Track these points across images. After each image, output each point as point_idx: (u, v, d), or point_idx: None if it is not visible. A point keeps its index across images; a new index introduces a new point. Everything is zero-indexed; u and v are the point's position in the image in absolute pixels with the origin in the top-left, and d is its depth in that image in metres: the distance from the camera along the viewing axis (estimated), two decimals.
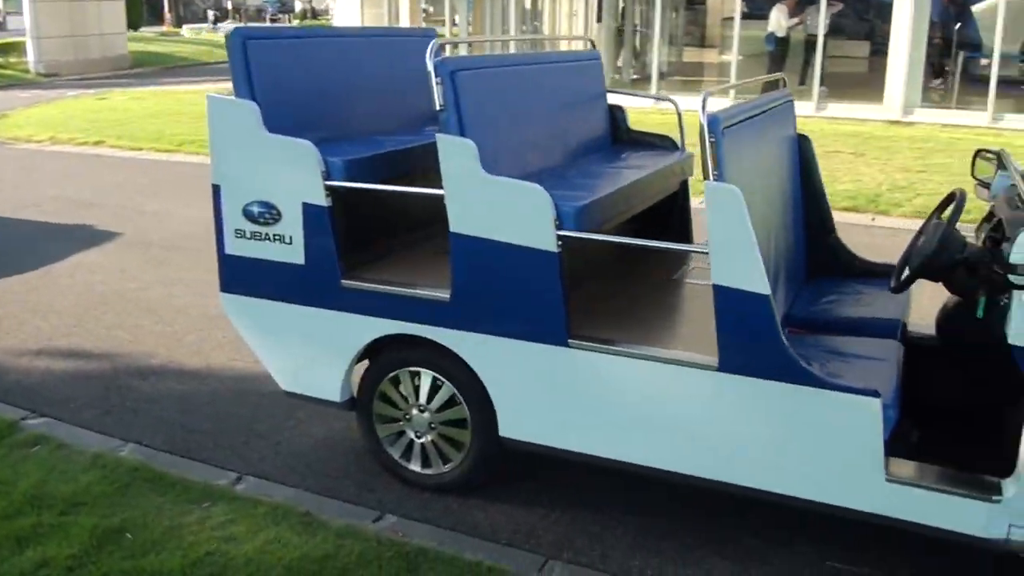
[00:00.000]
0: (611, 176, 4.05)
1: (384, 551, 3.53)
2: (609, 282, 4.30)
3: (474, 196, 3.50)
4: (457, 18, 20.98)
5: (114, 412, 4.71)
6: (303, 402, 4.59)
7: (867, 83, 17.41)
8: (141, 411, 4.71)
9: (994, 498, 3.08)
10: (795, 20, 17.21)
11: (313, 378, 4.05)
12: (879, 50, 19.26)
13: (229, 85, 3.92)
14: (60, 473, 4.05)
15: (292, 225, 3.83)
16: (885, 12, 19.11)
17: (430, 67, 3.48)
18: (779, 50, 17.56)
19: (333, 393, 4.02)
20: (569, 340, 3.49)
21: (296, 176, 3.76)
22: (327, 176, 3.73)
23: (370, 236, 4.19)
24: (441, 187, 3.62)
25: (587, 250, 3.94)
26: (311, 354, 4.01)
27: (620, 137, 5.02)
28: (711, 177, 3.20)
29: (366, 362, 4.06)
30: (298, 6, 52.53)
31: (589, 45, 5.11)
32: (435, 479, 3.97)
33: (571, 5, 23.26)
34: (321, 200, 3.75)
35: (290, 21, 49.33)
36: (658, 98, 5.49)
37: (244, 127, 3.80)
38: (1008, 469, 3.14)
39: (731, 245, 3.19)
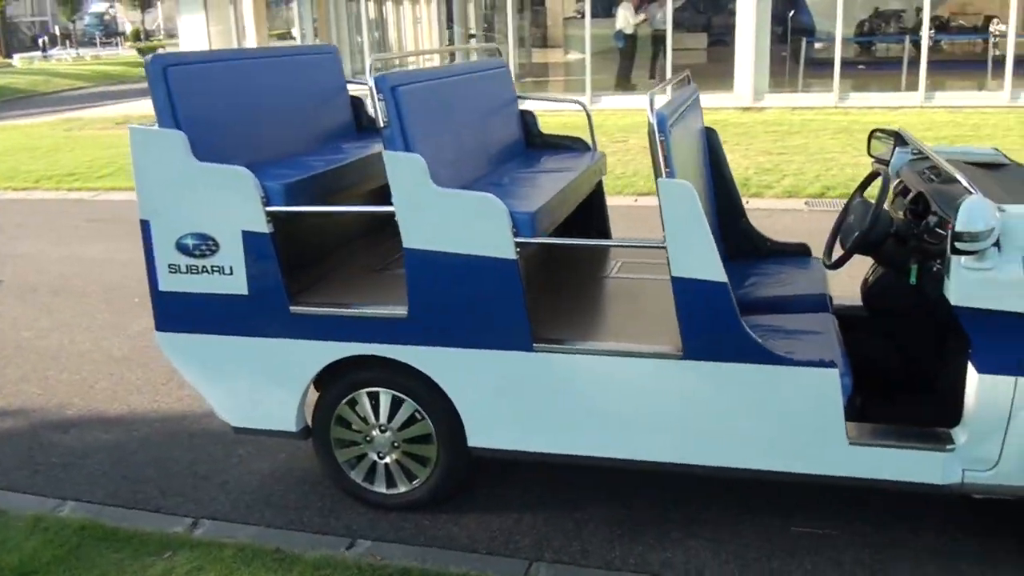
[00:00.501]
0: (547, 181, 4.11)
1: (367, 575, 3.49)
2: (554, 284, 4.37)
3: (426, 210, 3.50)
4: (295, 31, 20.68)
5: (43, 471, 4.47)
6: (242, 437, 4.52)
7: (713, 73, 18.11)
8: (72, 466, 4.49)
9: (947, 447, 3.31)
10: (642, 16, 17.75)
11: (265, 410, 3.96)
12: (719, 40, 20.10)
13: (79, 114, 3.78)
14: (1, 543, 3.82)
15: (232, 255, 3.73)
16: (722, 4, 19.96)
17: (371, 84, 3.46)
18: (629, 47, 18.08)
19: (288, 423, 3.94)
20: (534, 344, 3.53)
21: (234, 204, 3.67)
22: (267, 202, 3.65)
23: (313, 259, 4.12)
24: (383, 203, 3.61)
25: (529, 255, 3.99)
26: (262, 386, 3.91)
27: (533, 141, 5.10)
28: (663, 174, 3.30)
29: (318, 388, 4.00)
30: (128, 28, 50.65)
31: (496, 53, 5.16)
32: (402, 498, 3.94)
33: (415, 11, 23.33)
34: (263, 227, 3.67)
35: (122, 44, 47.55)
36: (566, 101, 5.58)
37: (172, 158, 3.67)
38: (954, 420, 3.37)
39: (688, 238, 3.31)
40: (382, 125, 3.50)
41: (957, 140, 12.18)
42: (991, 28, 18.57)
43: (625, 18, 17.85)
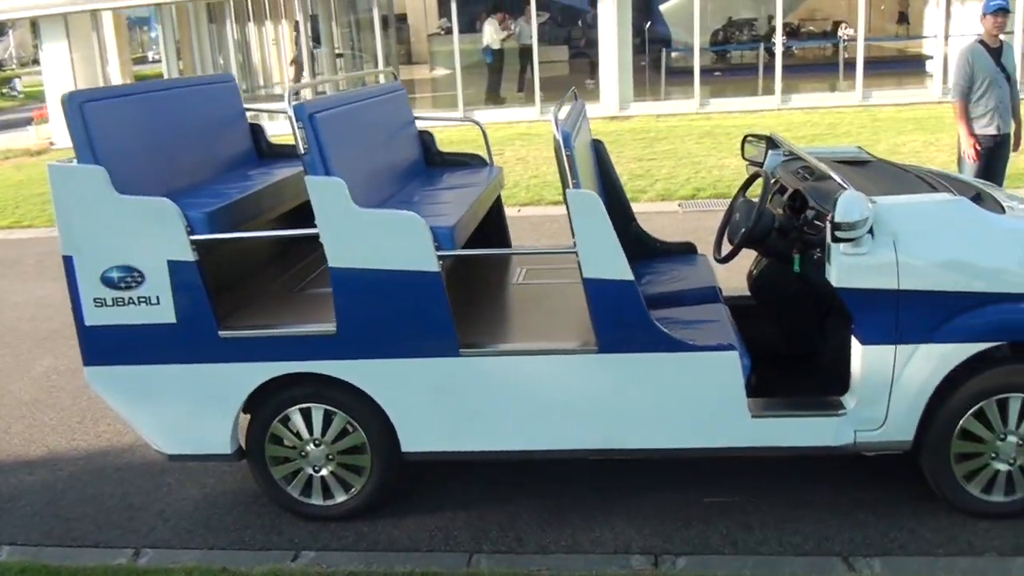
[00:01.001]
0: (456, 196, 4.36)
1: None
2: (469, 293, 4.61)
3: (350, 230, 3.69)
4: (151, 54, 20.37)
5: None
6: (169, 466, 4.62)
7: (578, 84, 18.69)
8: (4, 510, 4.43)
9: (839, 412, 3.71)
10: (507, 32, 18.19)
11: (199, 435, 4.06)
12: (580, 54, 20.77)
13: None
14: None
15: (158, 285, 3.83)
16: (583, 18, 20.62)
17: (290, 112, 3.64)
18: (496, 62, 18.48)
19: (222, 446, 4.05)
20: (460, 350, 3.77)
21: (158, 235, 3.77)
22: (191, 231, 3.78)
23: (235, 284, 4.25)
24: (295, 226, 3.79)
25: (446, 267, 4.22)
26: (194, 411, 4.02)
27: (432, 160, 5.33)
28: (571, 186, 3.60)
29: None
30: None
31: (392, 78, 5.39)
32: (339, 508, 4.11)
33: (276, 32, 23.24)
34: (188, 255, 3.79)
35: None
36: (463, 120, 5.82)
37: (93, 192, 3.75)
38: (843, 388, 3.77)
39: (596, 242, 3.62)
40: (302, 151, 3.68)
41: (816, 139, 12.99)
42: (840, 32, 19.79)
43: (491, 34, 18.26)
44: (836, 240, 3.52)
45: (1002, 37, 6.99)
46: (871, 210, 3.49)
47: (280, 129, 6.67)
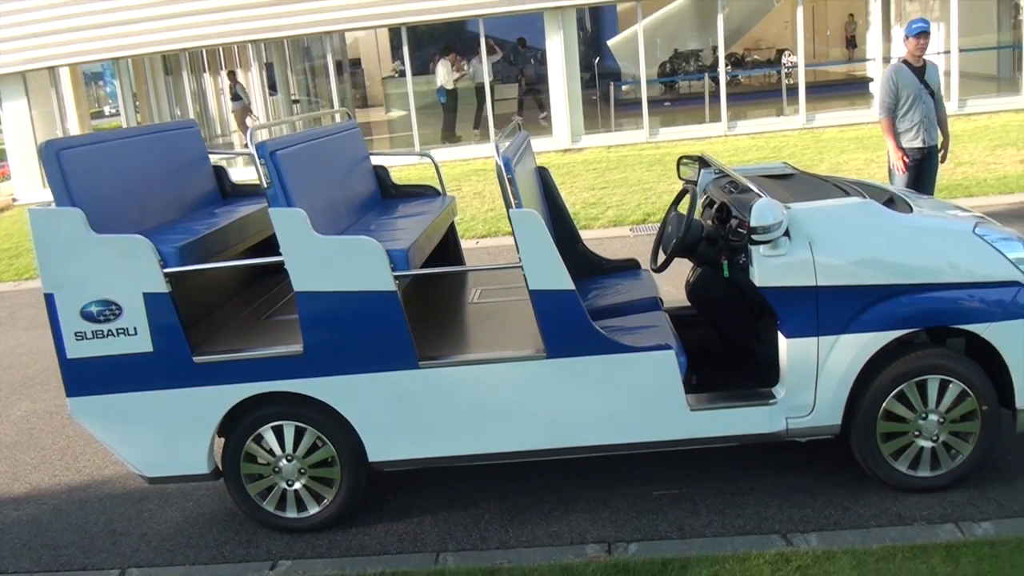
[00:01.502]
0: (411, 223, 4.68)
1: None
2: (427, 311, 4.91)
3: (312, 256, 3.99)
4: (107, 108, 20.58)
5: None
6: (150, 492, 4.85)
7: (532, 119, 19.20)
8: None
9: (771, 401, 4.04)
10: (460, 73, 18.64)
11: (177, 457, 4.31)
12: (533, 90, 21.28)
13: None
14: None
15: (135, 316, 4.10)
16: (533, 56, 21.15)
17: (253, 151, 3.95)
18: (451, 101, 18.92)
19: (200, 466, 4.30)
20: (419, 363, 4.06)
21: (133, 269, 4.05)
22: (164, 264, 4.05)
23: (206, 313, 4.52)
24: (267, 252, 4.08)
25: (404, 287, 4.53)
26: (172, 435, 4.26)
27: (387, 192, 5.66)
28: (513, 206, 3.93)
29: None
30: None
31: (346, 117, 5.71)
32: (313, 519, 4.36)
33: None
34: (162, 287, 4.06)
35: None
36: (419, 154, 6.17)
37: (72, 233, 4.02)
38: (774, 380, 4.11)
39: (539, 257, 3.95)
40: (265, 186, 3.98)
41: (762, 161, 13.49)
42: (783, 60, 20.49)
43: (444, 75, 18.70)
44: (753, 243, 3.88)
45: (925, 57, 7.46)
46: (785, 215, 3.86)
47: (240, 176, 6.95)
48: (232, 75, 21.22)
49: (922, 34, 7.27)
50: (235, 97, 20.45)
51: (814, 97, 18.04)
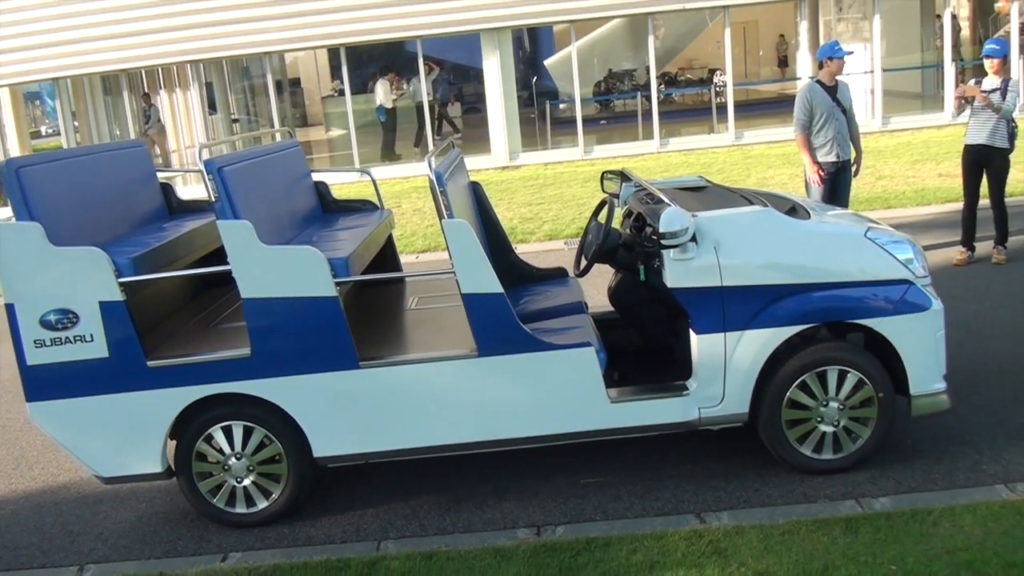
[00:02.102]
0: (350, 234, 4.99)
1: (244, 575, 4.17)
2: (367, 317, 5.20)
3: (258, 265, 4.28)
4: (43, 128, 20.53)
5: None
6: (104, 495, 5.07)
7: (471, 137, 19.58)
8: None
9: (684, 393, 4.42)
10: (400, 92, 18.97)
11: (132, 457, 4.54)
12: (471, 108, 21.68)
13: None
14: None
15: (91, 324, 4.34)
16: (472, 75, 21.56)
17: (201, 167, 4.23)
18: (390, 120, 19.22)
19: (154, 466, 4.54)
20: (359, 363, 4.37)
21: (90, 280, 4.29)
22: (119, 274, 4.31)
23: (157, 320, 4.77)
24: (214, 264, 4.36)
25: (345, 295, 4.83)
26: (127, 435, 4.50)
27: (328, 207, 5.95)
28: (445, 216, 4.26)
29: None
30: None
31: (288, 135, 6.01)
32: (261, 514, 4.62)
33: (172, 101, 23.59)
34: (117, 296, 4.32)
35: None
36: (358, 171, 6.47)
37: (31, 246, 4.26)
38: (688, 374, 4.49)
39: (470, 262, 4.28)
40: (213, 200, 4.26)
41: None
42: (715, 79, 21.16)
43: (383, 94, 19.01)
44: (662, 247, 4.26)
45: (838, 77, 7.97)
46: (691, 222, 4.24)
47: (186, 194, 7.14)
48: (147, 97, 21.23)
49: (842, 58, 7.80)
50: (147, 119, 20.50)
51: (744, 115, 18.69)
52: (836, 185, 8.06)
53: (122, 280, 4.32)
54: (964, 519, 4.06)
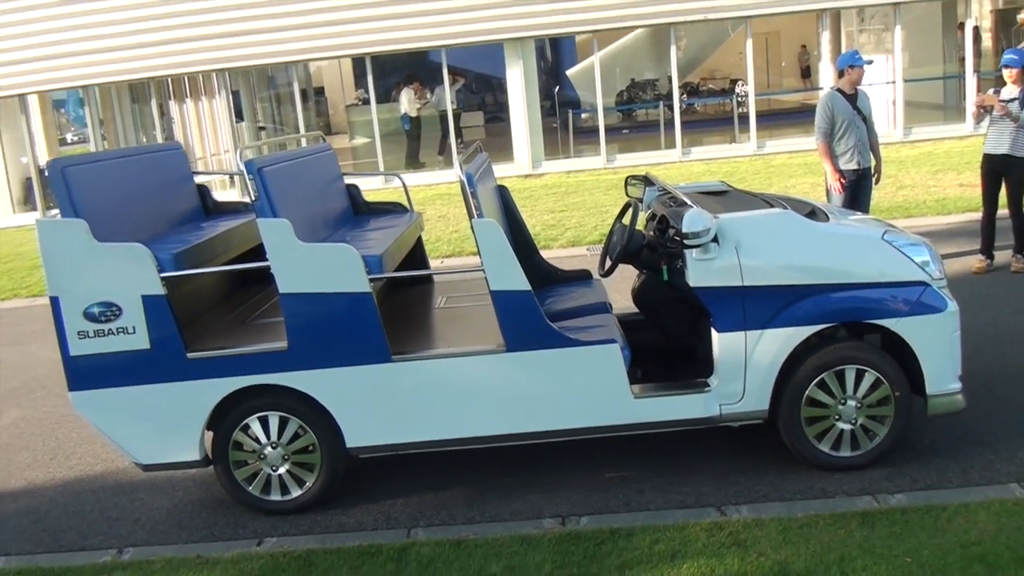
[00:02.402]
0: (382, 234, 5.16)
1: (280, 559, 4.33)
2: (399, 315, 5.37)
3: (296, 262, 4.45)
4: (68, 135, 20.87)
5: None
6: (141, 483, 5.25)
7: (494, 146, 19.73)
8: None
9: (705, 389, 4.55)
10: (424, 100, 19.19)
11: (171, 445, 4.72)
12: (494, 118, 21.88)
13: None
14: None
15: (134, 317, 4.52)
16: (494, 85, 21.78)
17: (242, 167, 4.41)
18: (414, 128, 19.44)
19: (192, 454, 4.72)
20: (392, 356, 4.53)
21: (133, 274, 4.48)
22: (161, 269, 4.49)
23: (197, 314, 4.95)
24: (252, 261, 4.54)
25: (378, 292, 5.00)
26: (166, 424, 4.68)
27: (360, 209, 6.13)
28: (475, 216, 4.42)
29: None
30: None
31: (320, 140, 6.20)
32: (295, 502, 4.79)
33: (198, 109, 23.91)
34: (159, 290, 4.50)
35: None
36: (391, 175, 6.66)
37: (76, 241, 4.45)
38: (709, 371, 4.62)
39: (499, 261, 4.44)
40: (253, 199, 4.44)
41: None
42: (736, 89, 21.25)
43: (408, 102, 19.23)
44: (685, 248, 4.40)
45: (858, 86, 8.09)
46: (714, 223, 4.38)
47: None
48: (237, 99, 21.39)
49: (862, 66, 7.93)
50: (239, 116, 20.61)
51: (766, 125, 18.80)
52: (857, 192, 8.18)
53: (164, 275, 4.50)
54: (978, 515, 4.17)
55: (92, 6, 17.37)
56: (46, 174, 4.55)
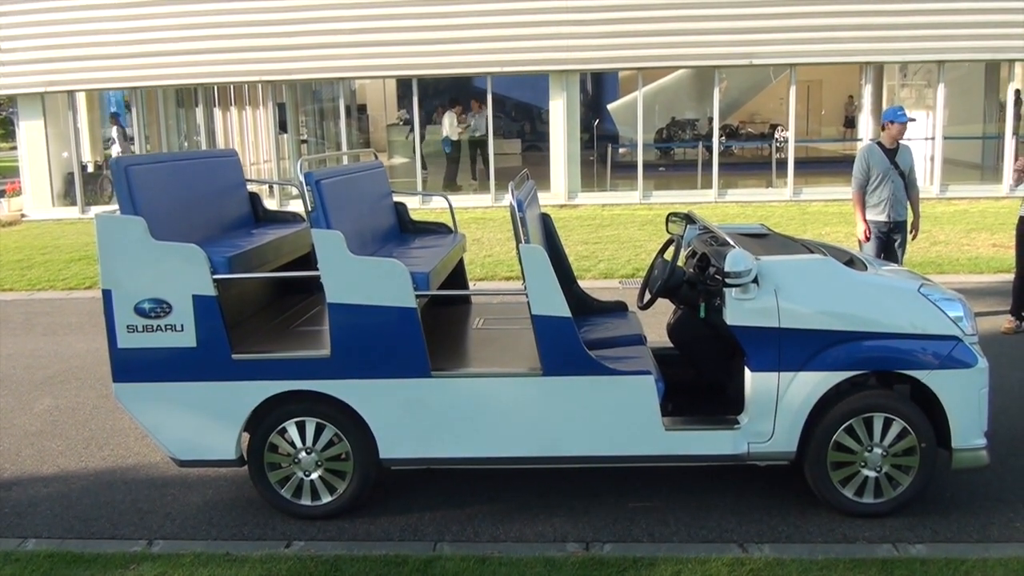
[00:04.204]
0: (429, 252, 5.29)
1: (308, 563, 4.43)
2: (440, 334, 5.48)
3: (346, 273, 4.58)
4: (113, 132, 21.19)
5: None
6: (173, 478, 5.38)
7: (531, 175, 19.90)
8: (24, 514, 5.14)
9: (735, 426, 4.62)
10: (463, 126, 19.42)
11: (209, 443, 4.83)
12: (532, 146, 22.07)
13: None
14: None
15: (183, 315, 4.66)
16: (534, 113, 21.99)
17: (300, 178, 4.55)
18: (454, 152, 19.67)
19: (228, 452, 4.83)
20: (431, 372, 4.64)
21: (186, 273, 4.62)
22: (213, 271, 4.63)
23: (244, 318, 5.09)
24: (298, 270, 4.66)
25: (421, 310, 5.12)
26: (206, 422, 4.80)
27: (406, 227, 6.27)
28: (523, 242, 4.54)
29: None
30: None
31: (373, 156, 6.35)
32: (325, 508, 4.89)
33: (242, 119, 24.29)
34: (210, 291, 4.64)
35: None
36: (430, 194, 6.80)
37: (133, 238, 4.60)
38: (740, 409, 4.70)
39: (542, 286, 4.55)
40: (310, 209, 4.58)
41: None
42: (776, 135, 21.35)
43: (451, 125, 19.47)
44: (726, 286, 4.50)
45: (901, 141, 8.18)
46: (755, 264, 4.48)
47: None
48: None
49: (903, 123, 8.02)
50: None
51: (803, 172, 18.86)
52: (888, 244, 8.25)
53: (216, 277, 4.64)
54: (996, 571, 4.21)
55: (148, 11, 17.75)
56: (110, 171, 4.69)
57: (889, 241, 8.24)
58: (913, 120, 8.24)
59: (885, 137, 8.10)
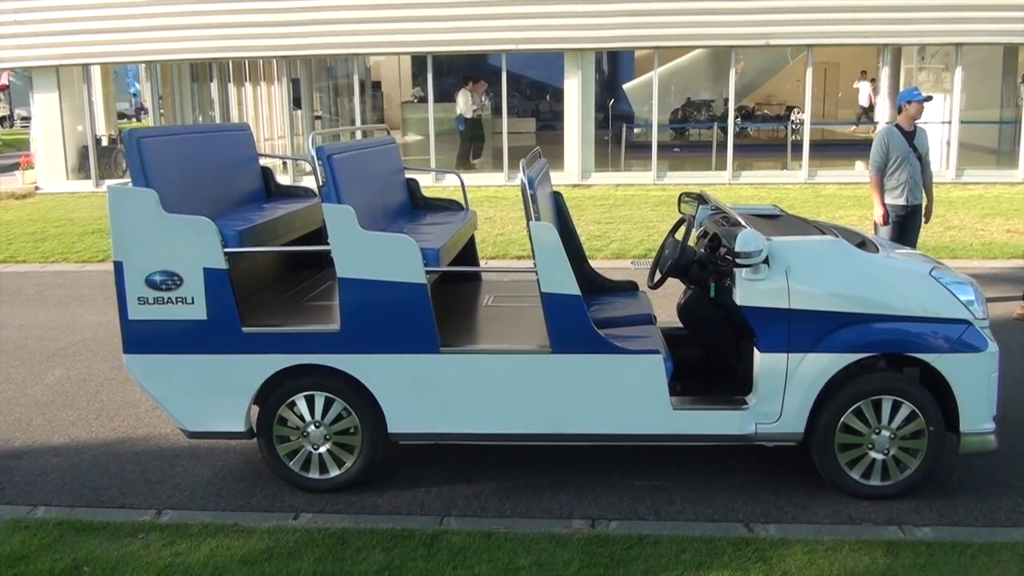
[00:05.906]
0: (440, 229, 5.29)
1: (315, 535, 4.46)
2: (449, 310, 5.49)
3: (356, 248, 4.58)
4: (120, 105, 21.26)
5: (8, 488, 5.15)
6: (183, 450, 5.43)
7: (544, 154, 19.83)
8: (34, 483, 5.20)
9: (743, 407, 4.62)
10: (477, 104, 19.34)
11: (218, 415, 4.86)
12: (546, 125, 21.99)
13: None
14: None
15: (194, 287, 4.68)
16: (548, 92, 21.89)
17: (312, 153, 4.56)
18: (468, 130, 19.61)
19: (238, 425, 4.86)
20: (440, 348, 4.65)
21: (197, 247, 4.64)
22: (225, 244, 4.64)
23: (254, 291, 5.11)
24: (309, 245, 4.67)
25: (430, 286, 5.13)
26: (216, 394, 4.83)
27: (417, 204, 6.27)
28: (533, 219, 4.53)
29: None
30: None
31: (385, 133, 6.34)
32: (333, 481, 4.92)
33: (256, 94, 24.28)
34: (221, 264, 4.65)
35: None
36: (443, 171, 6.79)
37: (145, 210, 4.61)
38: (748, 389, 4.70)
39: (552, 264, 4.55)
40: (321, 184, 4.58)
41: None
42: (792, 116, 21.22)
43: (465, 104, 19.40)
44: (736, 266, 4.49)
45: (917, 123, 8.11)
46: (766, 245, 4.46)
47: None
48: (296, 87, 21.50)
49: (926, 99, 7.95)
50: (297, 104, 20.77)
51: (818, 154, 18.74)
52: (905, 228, 8.20)
53: (228, 250, 4.65)
54: (1002, 555, 4.21)
55: None
56: (122, 143, 4.71)
57: (905, 226, 8.19)
58: (930, 98, 8.15)
59: (903, 119, 8.03)
